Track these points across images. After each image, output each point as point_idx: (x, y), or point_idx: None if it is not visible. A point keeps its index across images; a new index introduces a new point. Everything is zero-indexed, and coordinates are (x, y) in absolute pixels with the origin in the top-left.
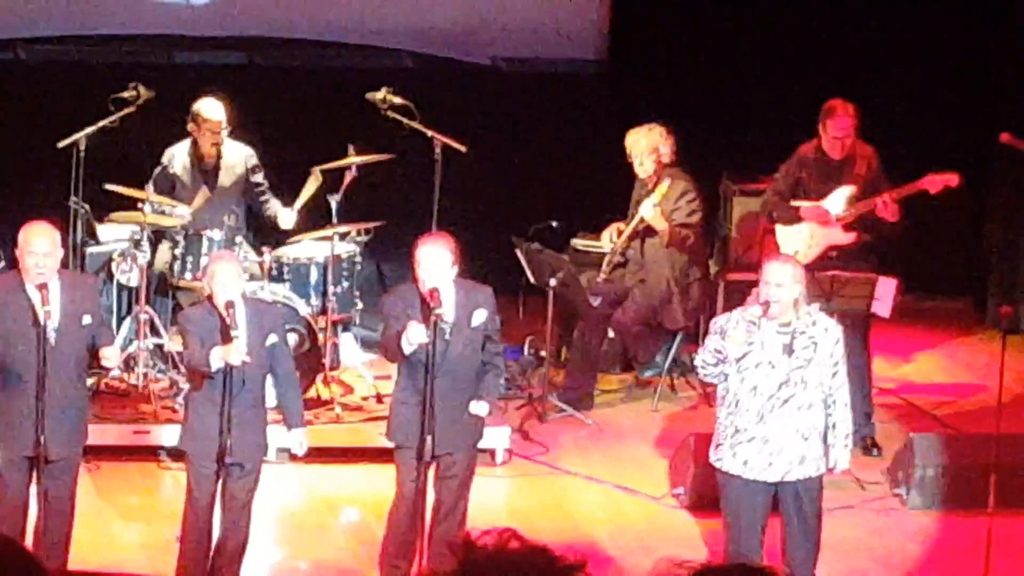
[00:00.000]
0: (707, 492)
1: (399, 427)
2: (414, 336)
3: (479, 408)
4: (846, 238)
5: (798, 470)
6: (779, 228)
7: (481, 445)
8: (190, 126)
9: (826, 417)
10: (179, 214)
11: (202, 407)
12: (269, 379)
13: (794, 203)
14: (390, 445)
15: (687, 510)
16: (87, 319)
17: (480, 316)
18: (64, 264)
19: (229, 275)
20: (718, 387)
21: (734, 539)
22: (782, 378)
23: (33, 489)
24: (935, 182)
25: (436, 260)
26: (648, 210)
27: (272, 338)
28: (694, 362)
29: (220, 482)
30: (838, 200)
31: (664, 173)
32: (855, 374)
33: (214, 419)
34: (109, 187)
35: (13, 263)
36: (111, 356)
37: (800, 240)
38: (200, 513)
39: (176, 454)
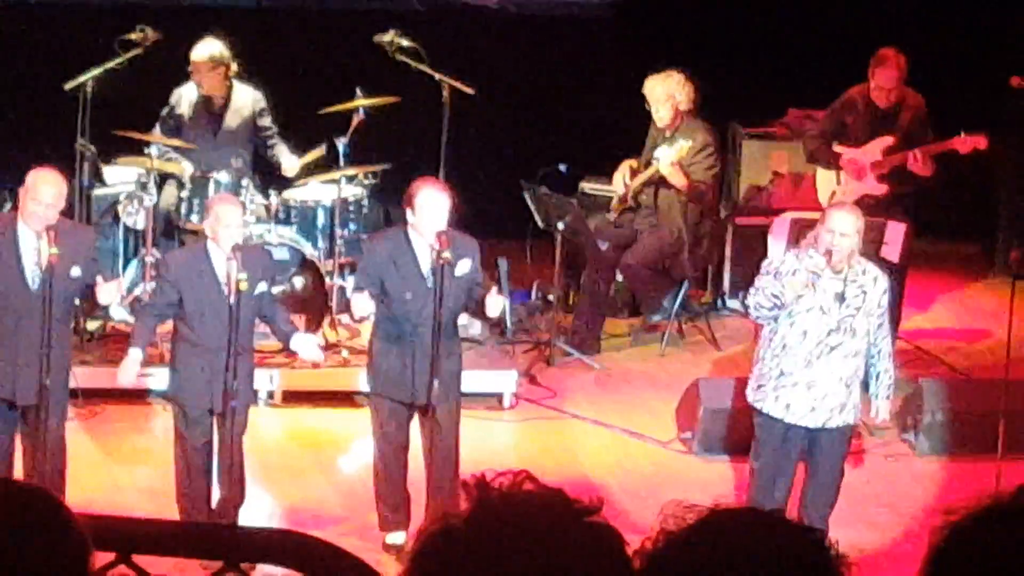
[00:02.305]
0: (715, 436)
1: (378, 375)
2: (359, 309)
3: (493, 302)
4: (879, 188)
5: (838, 417)
6: (819, 172)
7: (488, 389)
8: (189, 69)
9: (869, 367)
10: (184, 165)
11: (187, 355)
12: None
13: (836, 148)
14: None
15: (695, 455)
16: (75, 271)
17: (464, 266)
18: (70, 206)
19: (234, 217)
20: (763, 328)
21: (763, 482)
22: (832, 325)
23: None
24: (965, 143)
25: (441, 205)
26: (667, 167)
27: (262, 285)
28: (745, 302)
29: (219, 427)
30: (875, 149)
31: (683, 123)
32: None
33: (197, 364)
34: (117, 132)
35: (17, 203)
36: (107, 290)
37: (836, 185)
38: (194, 456)
39: (164, 397)
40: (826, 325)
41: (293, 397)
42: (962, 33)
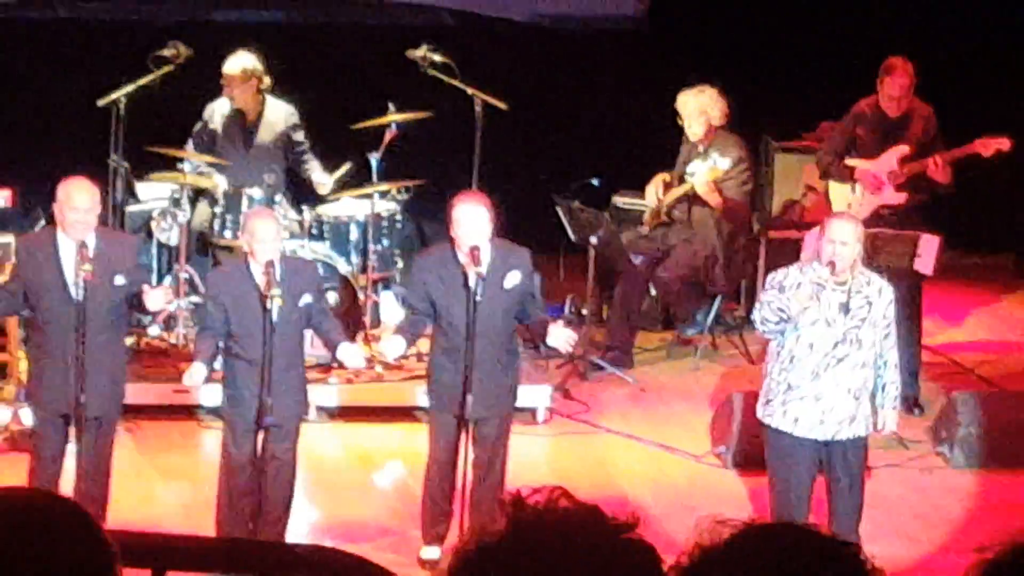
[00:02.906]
0: (749, 450)
1: (433, 389)
2: (390, 351)
3: (555, 333)
4: (897, 198)
5: (848, 429)
6: (832, 185)
7: (522, 404)
8: (222, 83)
9: (876, 378)
10: (217, 180)
11: (233, 370)
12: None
13: (849, 161)
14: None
15: (729, 468)
16: (119, 279)
17: (514, 278)
18: (103, 223)
19: (269, 232)
20: (770, 343)
21: (781, 498)
22: (838, 336)
23: (72, 448)
24: (987, 145)
25: (475, 219)
26: (701, 186)
27: (306, 298)
28: (751, 316)
29: (262, 443)
30: (890, 159)
31: (716, 137)
32: (904, 333)
33: (242, 378)
34: (150, 149)
35: (52, 219)
36: (154, 297)
37: (853, 198)
38: (237, 472)
39: (215, 412)
40: (832, 337)
41: (347, 412)
42: (996, 43)
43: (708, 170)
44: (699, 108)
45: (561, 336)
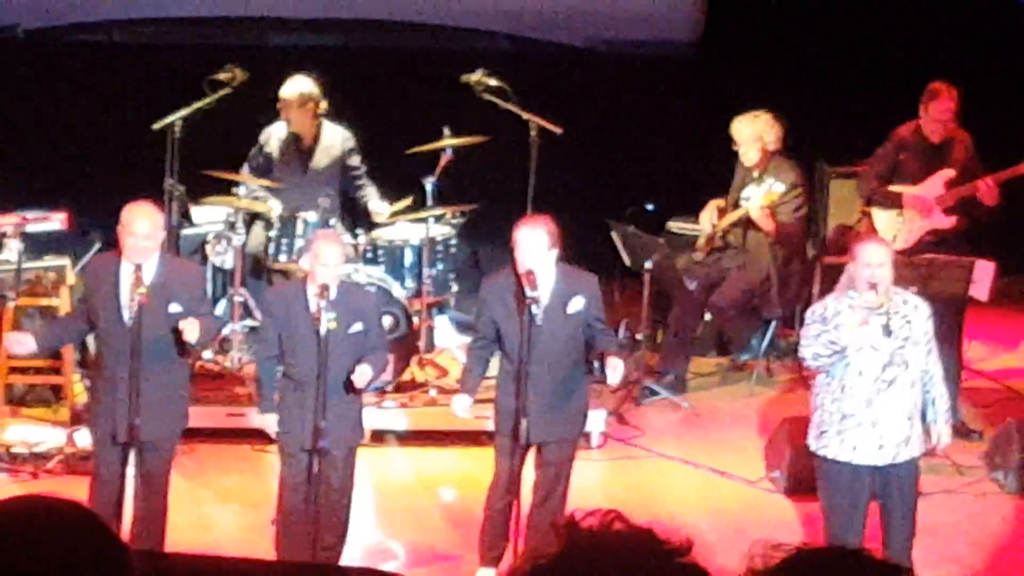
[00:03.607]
0: (803, 475)
1: (496, 413)
2: (457, 408)
3: (612, 370)
4: (946, 222)
5: (904, 451)
6: (876, 211)
7: None
8: (278, 106)
9: (923, 394)
10: (272, 204)
11: (285, 392)
12: None
13: (894, 188)
14: (485, 427)
15: (783, 494)
16: (175, 307)
17: (577, 303)
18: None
19: (333, 256)
20: (817, 376)
21: (837, 526)
22: (885, 360)
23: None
24: None
25: (531, 243)
26: (756, 211)
27: (357, 326)
28: (800, 354)
29: (316, 467)
30: (937, 184)
31: (771, 163)
32: (948, 360)
33: (297, 403)
34: (205, 172)
35: (114, 242)
36: (189, 327)
37: (899, 224)
38: (291, 494)
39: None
40: (879, 361)
41: (402, 436)
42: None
43: (764, 195)
44: (754, 134)
45: (617, 369)
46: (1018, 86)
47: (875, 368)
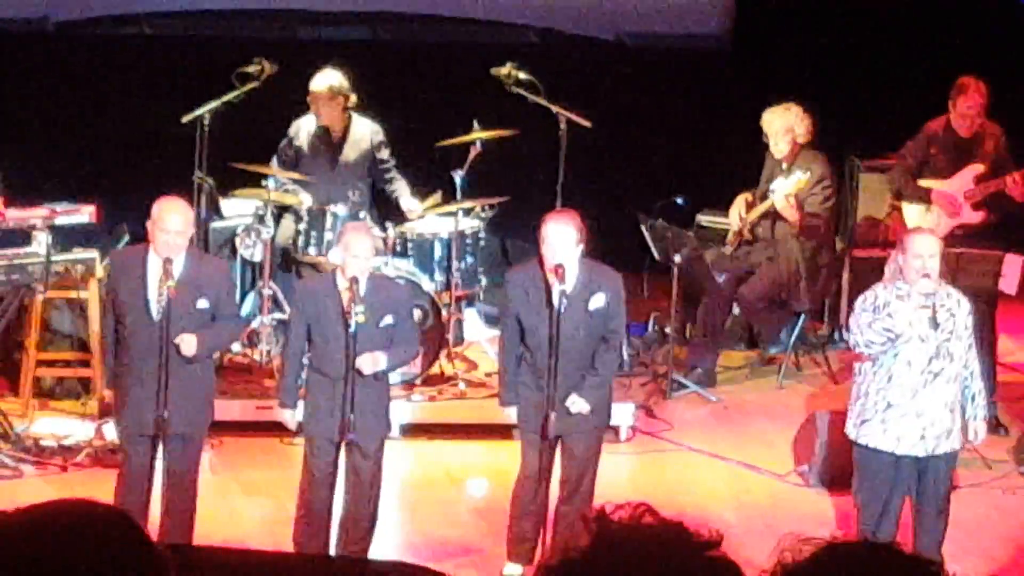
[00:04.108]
0: (832, 469)
1: (520, 407)
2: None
3: (575, 404)
4: (975, 217)
5: (945, 443)
6: (906, 205)
7: None
8: (308, 100)
9: (963, 389)
10: (302, 197)
11: (314, 384)
12: None
13: (923, 182)
14: (513, 421)
15: (812, 488)
16: (203, 303)
17: (599, 300)
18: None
19: (363, 248)
20: (862, 364)
21: (871, 517)
22: (931, 352)
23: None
24: None
25: (560, 237)
26: (781, 200)
27: (388, 319)
28: (851, 342)
29: (345, 460)
30: (966, 178)
31: (800, 155)
32: (983, 354)
33: (325, 396)
34: (235, 165)
35: (144, 235)
36: (186, 342)
37: (928, 218)
38: (317, 487)
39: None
40: (926, 353)
41: (430, 429)
42: None
43: (791, 184)
44: (785, 126)
45: (576, 403)
46: None
47: (922, 359)
